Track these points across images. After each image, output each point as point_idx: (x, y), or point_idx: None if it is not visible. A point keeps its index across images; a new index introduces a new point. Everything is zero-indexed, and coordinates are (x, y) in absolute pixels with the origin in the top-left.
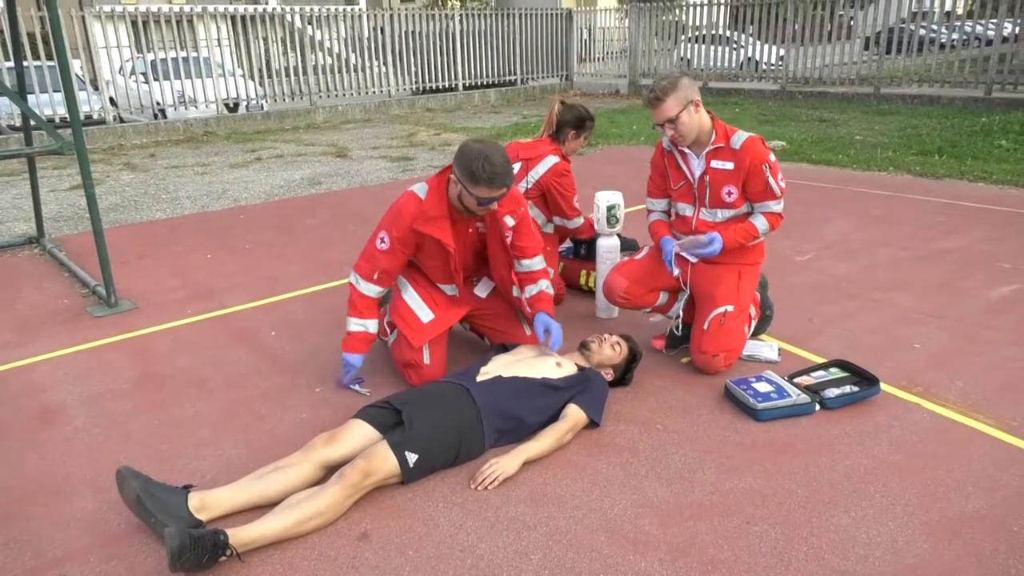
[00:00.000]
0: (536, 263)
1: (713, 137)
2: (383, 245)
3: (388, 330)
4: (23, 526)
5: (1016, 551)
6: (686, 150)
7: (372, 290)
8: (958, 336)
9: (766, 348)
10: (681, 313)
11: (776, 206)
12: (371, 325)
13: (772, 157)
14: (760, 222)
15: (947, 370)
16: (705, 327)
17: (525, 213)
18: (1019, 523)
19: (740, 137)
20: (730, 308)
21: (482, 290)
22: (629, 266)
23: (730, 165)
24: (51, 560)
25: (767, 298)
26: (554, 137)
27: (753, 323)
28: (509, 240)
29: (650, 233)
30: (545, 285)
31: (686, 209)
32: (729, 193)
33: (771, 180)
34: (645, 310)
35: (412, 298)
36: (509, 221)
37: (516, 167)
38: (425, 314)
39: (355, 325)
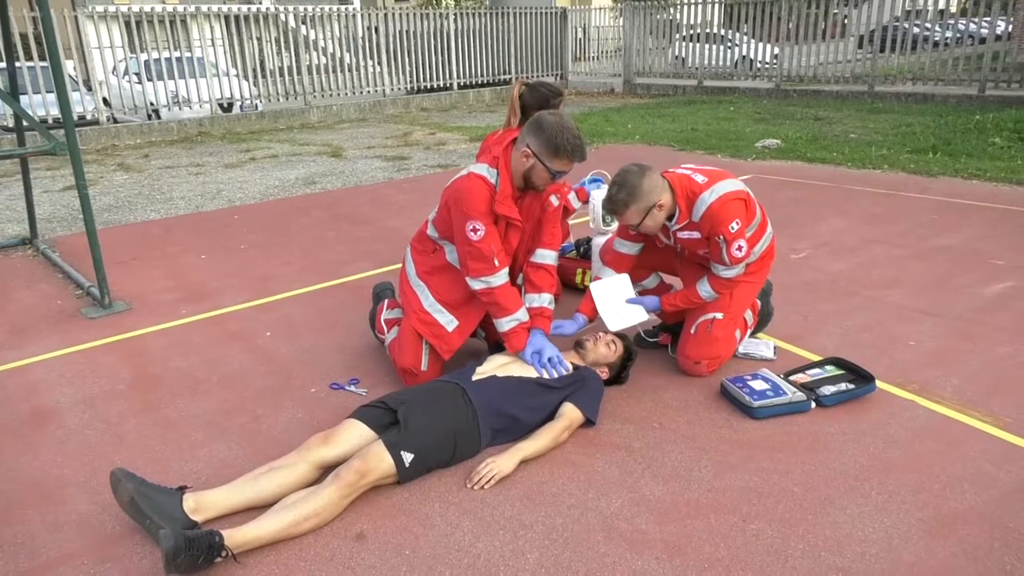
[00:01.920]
0: (549, 256)
1: (676, 215)
2: (480, 233)
3: (385, 328)
4: (17, 528)
5: (1012, 547)
6: None
7: (504, 276)
8: (953, 333)
9: (762, 346)
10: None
11: (726, 272)
12: (522, 315)
13: (733, 226)
14: (704, 289)
15: (942, 367)
16: (692, 331)
17: (564, 198)
18: (1015, 520)
19: (701, 207)
20: (719, 316)
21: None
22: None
23: (697, 235)
24: (45, 562)
25: (768, 303)
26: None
27: (749, 330)
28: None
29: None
30: (548, 300)
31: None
32: (707, 253)
33: (724, 251)
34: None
35: (432, 305)
36: (554, 201)
37: None
38: (448, 320)
39: (507, 324)
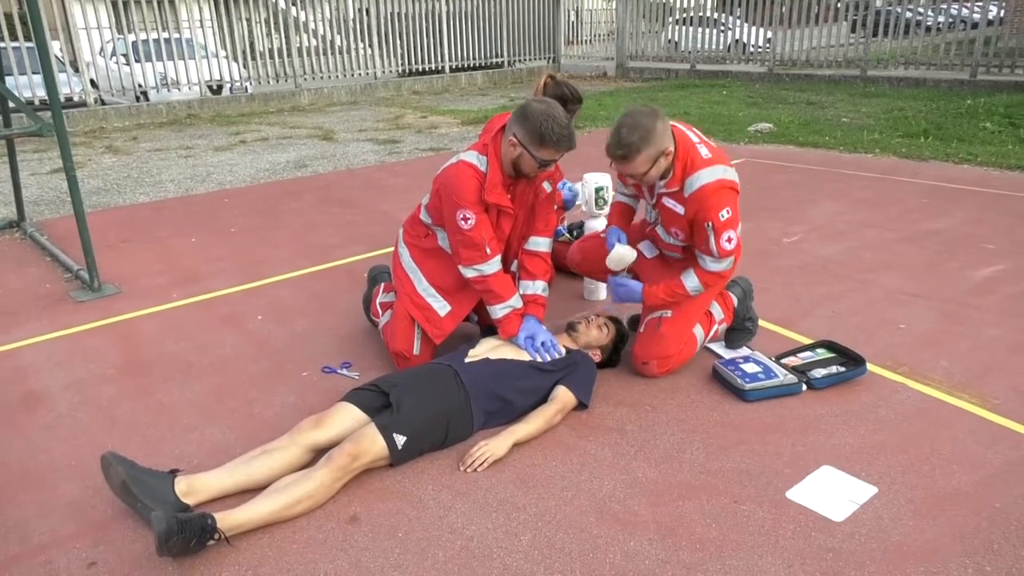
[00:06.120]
0: (543, 243)
1: (669, 177)
2: (471, 222)
3: (380, 311)
4: (7, 513)
5: (998, 527)
6: None
7: (497, 263)
8: (943, 316)
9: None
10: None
11: (714, 265)
12: (516, 302)
13: (724, 214)
14: (690, 281)
15: (932, 350)
16: (641, 329)
17: (556, 184)
18: (1002, 500)
19: (695, 182)
20: (667, 314)
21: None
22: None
23: (680, 209)
24: (36, 546)
25: (751, 308)
26: None
27: (716, 326)
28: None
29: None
30: (542, 287)
31: (650, 214)
32: (676, 233)
33: (712, 241)
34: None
35: (426, 289)
36: (547, 187)
37: None
38: (441, 305)
39: (501, 311)
